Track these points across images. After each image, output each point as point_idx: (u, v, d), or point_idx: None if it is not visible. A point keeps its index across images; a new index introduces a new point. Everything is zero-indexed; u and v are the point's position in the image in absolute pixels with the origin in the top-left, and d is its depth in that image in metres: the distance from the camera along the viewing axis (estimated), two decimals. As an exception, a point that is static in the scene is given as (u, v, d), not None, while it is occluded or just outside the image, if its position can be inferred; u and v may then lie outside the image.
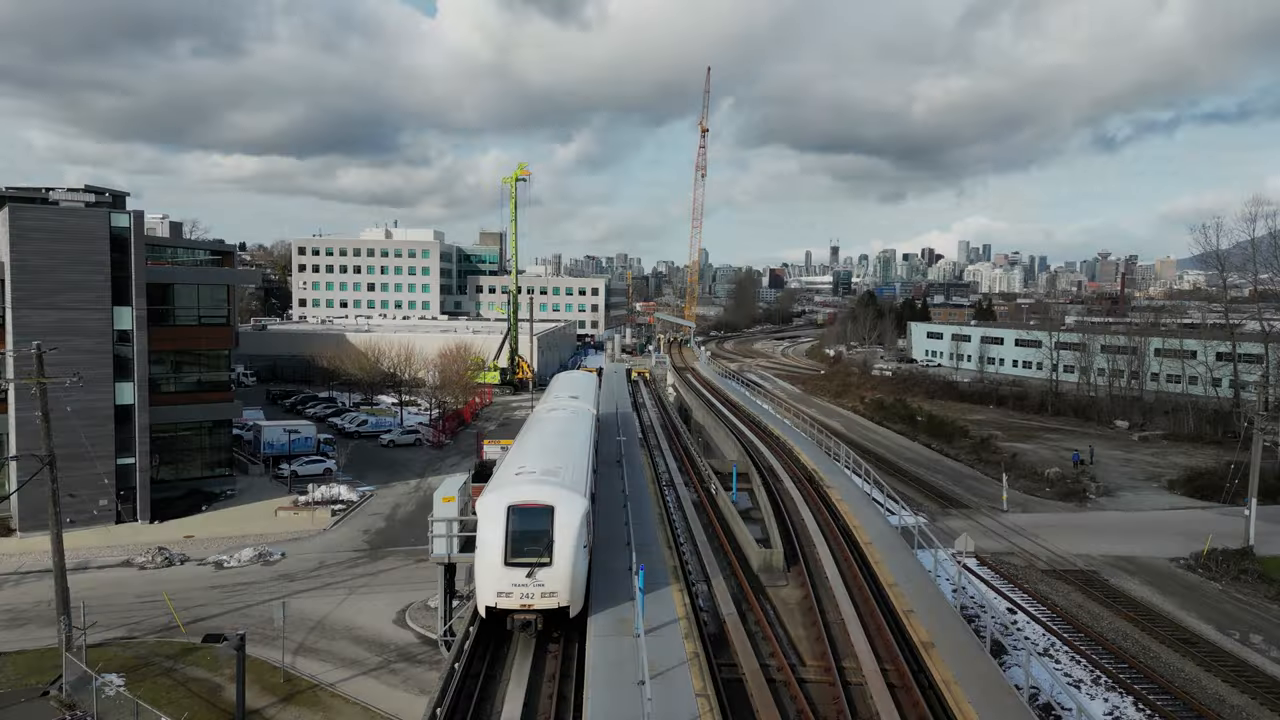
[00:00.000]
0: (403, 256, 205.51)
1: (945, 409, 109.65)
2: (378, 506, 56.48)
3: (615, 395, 69.29)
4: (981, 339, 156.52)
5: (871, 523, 32.88)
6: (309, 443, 68.05)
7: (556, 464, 24.21)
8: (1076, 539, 52.24)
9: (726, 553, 29.66)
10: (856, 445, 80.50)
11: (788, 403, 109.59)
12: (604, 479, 35.60)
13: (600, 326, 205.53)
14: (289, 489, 58.92)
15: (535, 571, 20.89)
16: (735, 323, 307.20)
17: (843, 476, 42.41)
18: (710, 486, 38.27)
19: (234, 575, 43.15)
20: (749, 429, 58.66)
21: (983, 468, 76.52)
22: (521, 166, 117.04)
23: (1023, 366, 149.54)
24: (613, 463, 39.22)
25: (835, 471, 43.88)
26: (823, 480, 40.55)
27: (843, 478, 41.97)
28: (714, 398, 78.15)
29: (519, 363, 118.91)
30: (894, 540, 30.67)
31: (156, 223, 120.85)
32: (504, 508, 21.62)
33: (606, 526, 29.07)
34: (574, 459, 25.64)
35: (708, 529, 32.37)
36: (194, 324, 58.09)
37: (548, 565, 20.88)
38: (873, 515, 34.22)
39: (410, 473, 67.38)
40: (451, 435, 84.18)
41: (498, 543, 21.22)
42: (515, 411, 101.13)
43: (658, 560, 26.04)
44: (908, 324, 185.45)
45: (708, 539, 31.04)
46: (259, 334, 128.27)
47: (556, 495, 21.88)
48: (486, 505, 22.04)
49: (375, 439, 79.68)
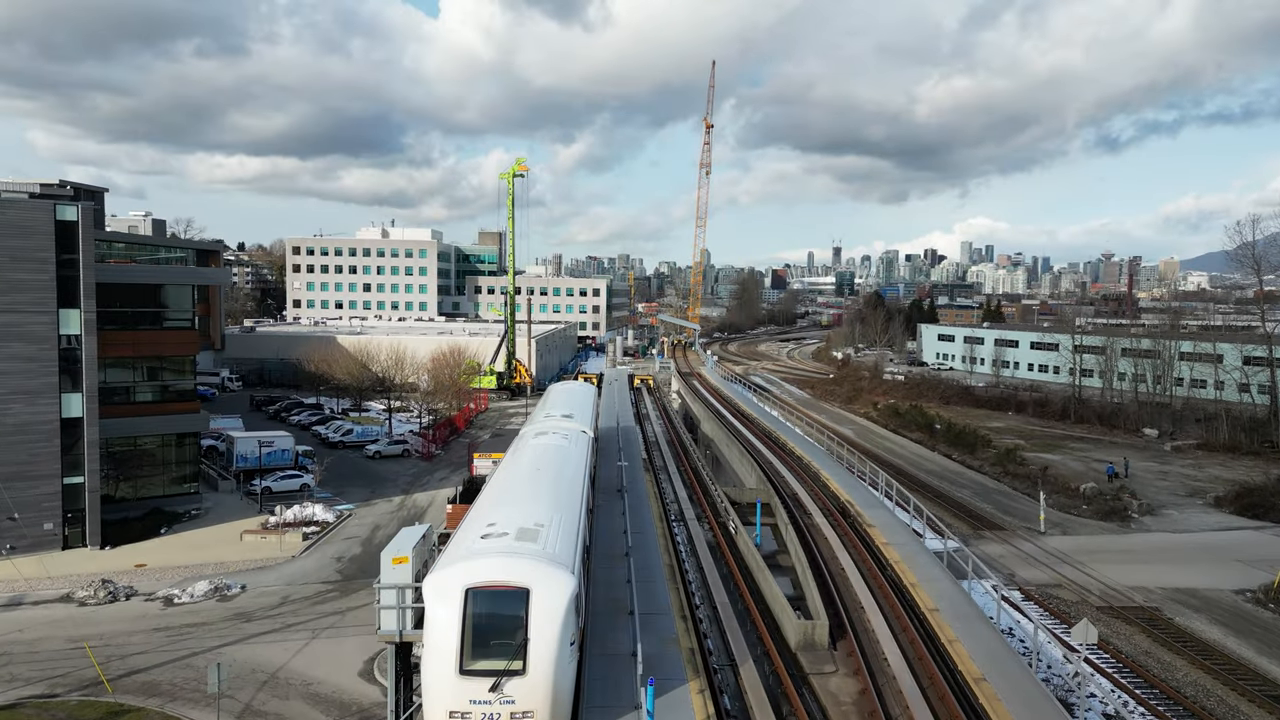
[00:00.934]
0: (399, 256, 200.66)
1: (962, 415, 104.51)
2: (355, 528, 51.41)
3: (616, 406, 64.56)
4: (996, 342, 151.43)
5: (932, 578, 27.27)
6: (285, 455, 63.03)
7: (538, 519, 18.75)
8: (1127, 567, 47.11)
9: (754, 621, 24.31)
10: (873, 455, 75.37)
11: (797, 409, 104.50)
12: (602, 513, 30.51)
13: (602, 328, 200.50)
14: (259, 508, 53.87)
15: (502, 683, 15.41)
16: (739, 324, 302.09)
17: (882, 510, 36.84)
18: (728, 525, 32.96)
19: (184, 613, 38.08)
20: (765, 445, 53.43)
21: (1010, 481, 71.36)
22: (519, 162, 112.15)
23: (1039, 370, 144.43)
24: (613, 491, 34.11)
25: (874, 504, 38.16)
26: (860, 516, 35.15)
27: (882, 511, 36.46)
28: (724, 408, 72.95)
29: (517, 366, 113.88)
30: (966, 606, 25.17)
31: (139, 220, 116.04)
32: (460, 590, 16.04)
33: (605, 585, 23.83)
34: (562, 511, 20.04)
35: (728, 582, 26.96)
36: (155, 328, 53.07)
37: (520, 674, 15.39)
38: (930, 566, 28.60)
39: (395, 489, 62.32)
40: (443, 445, 79.14)
41: (450, 642, 15.69)
42: (512, 419, 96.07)
43: (669, 639, 20.72)
44: (918, 326, 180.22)
45: (729, 599, 25.66)
46: (247, 336, 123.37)
47: (534, 573, 16.38)
48: (437, 586, 16.54)
49: (360, 450, 74.63)
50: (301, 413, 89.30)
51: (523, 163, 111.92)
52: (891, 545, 30.48)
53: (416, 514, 55.13)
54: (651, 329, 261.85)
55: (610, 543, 27.23)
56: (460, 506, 49.21)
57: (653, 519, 30.71)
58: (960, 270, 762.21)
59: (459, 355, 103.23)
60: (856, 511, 34.76)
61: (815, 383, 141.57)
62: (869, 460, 52.89)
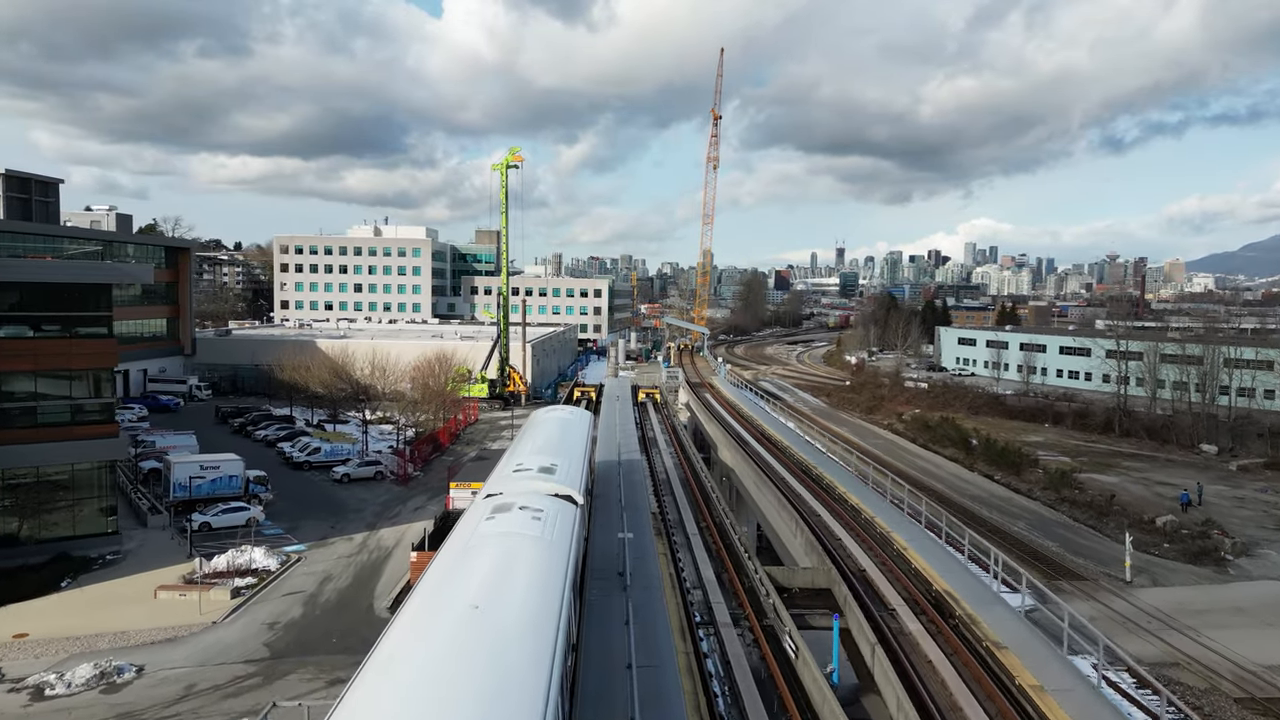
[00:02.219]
0: (392, 255, 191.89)
1: (994, 428, 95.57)
2: (301, 579, 42.49)
3: (618, 430, 55.98)
4: (1021, 346, 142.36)
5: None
6: (233, 482, 54.14)
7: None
8: (1248, 634, 38.18)
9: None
10: (908, 478, 66.46)
11: (815, 420, 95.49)
12: (595, 620, 21.18)
13: (603, 330, 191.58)
14: (190, 550, 44.91)
15: None
16: (744, 326, 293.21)
17: (1002, 610, 24.54)
18: (782, 641, 22.53)
19: (51, 713, 29.21)
20: (804, 485, 43.73)
21: (1068, 510, 62.44)
22: (513, 151, 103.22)
23: (1068, 376, 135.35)
24: (611, 575, 25.11)
25: (986, 599, 25.50)
26: (972, 622, 23.34)
27: (1002, 611, 24.34)
28: (745, 430, 62.73)
29: (510, 373, 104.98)
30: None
31: (102, 215, 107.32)
32: None
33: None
34: (520, 693, 10.96)
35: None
36: (64, 335, 44.23)
37: None
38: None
39: (359, 522, 53.41)
40: (423, 465, 70.28)
41: None
42: (503, 432, 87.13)
43: None
44: (936, 329, 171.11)
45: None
46: (221, 340, 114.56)
47: None
48: None
49: (328, 471, 65.74)
50: (270, 426, 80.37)
51: (517, 152, 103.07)
52: (1050, 692, 19.12)
53: (380, 557, 46.24)
54: (655, 331, 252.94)
55: (607, 679, 17.93)
56: (425, 555, 40.48)
57: (671, 632, 21.03)
58: (965, 271, 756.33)
59: (445, 362, 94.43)
60: (964, 613, 23.52)
61: (831, 390, 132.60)
62: (910, 486, 43.77)
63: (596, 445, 45.54)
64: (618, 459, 42.14)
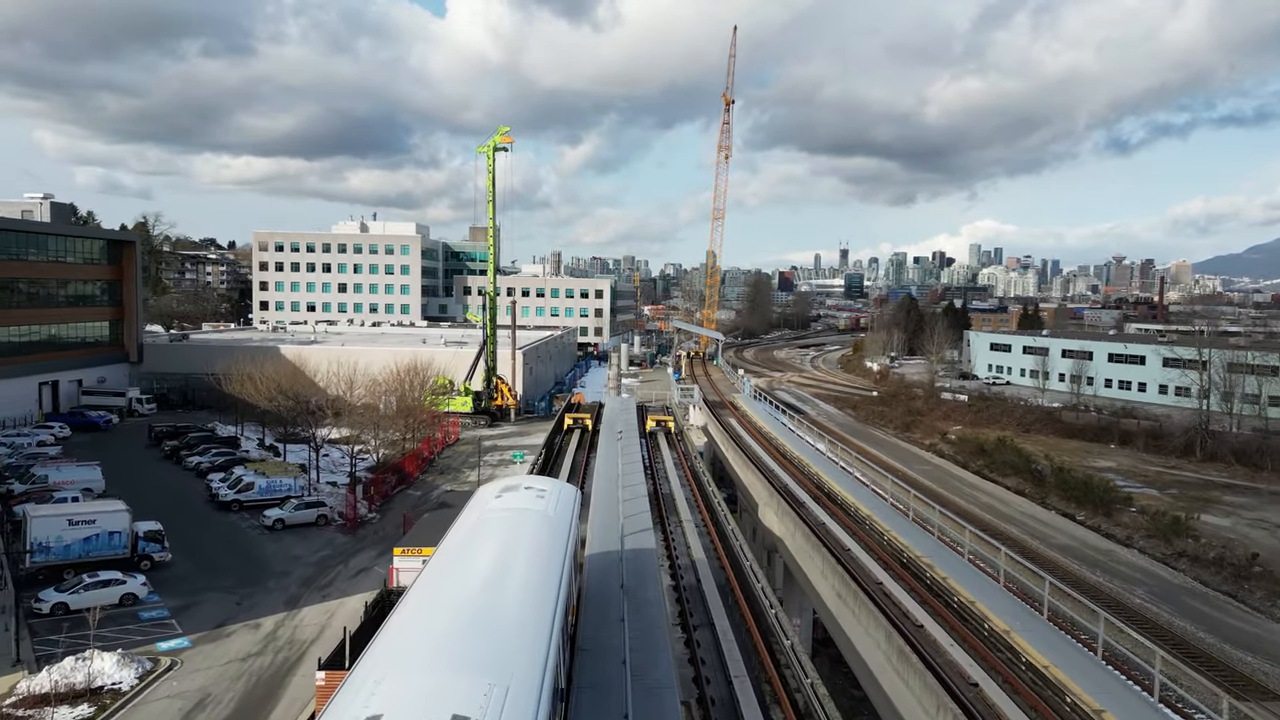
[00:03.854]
0: (379, 253, 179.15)
1: (1052, 448, 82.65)
2: (161, 708, 29.45)
3: (620, 490, 37.37)
4: (1064, 353, 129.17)
5: None
6: (115, 540, 41.21)
7: None
8: None
9: None
10: (971, 518, 53.64)
11: (846, 440, 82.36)
12: None
13: (605, 334, 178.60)
14: (16, 653, 31.96)
15: None
16: (751, 328, 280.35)
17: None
18: None
19: None
20: (898, 578, 30.16)
21: (1190, 568, 49.40)
22: (501, 131, 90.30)
23: (1119, 387, 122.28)
24: None
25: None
26: None
27: None
28: (797, 480, 45.49)
29: (497, 384, 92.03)
30: None
31: (35, 204, 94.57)
32: None
33: None
34: None
35: None
36: None
37: None
38: None
39: (279, 594, 40.44)
40: (381, 503, 57.40)
41: None
42: (487, 456, 74.22)
43: None
44: (965, 334, 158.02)
45: None
46: (173, 346, 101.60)
47: None
48: None
49: (262, 512, 52.79)
50: (208, 451, 67.38)
51: (506, 133, 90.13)
52: None
53: (289, 660, 33.26)
54: (660, 334, 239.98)
55: None
56: (335, 676, 27.50)
57: None
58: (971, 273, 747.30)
59: (420, 372, 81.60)
60: None
61: (856, 402, 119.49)
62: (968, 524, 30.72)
63: (591, 526, 32.43)
64: (619, 551, 28.42)
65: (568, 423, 64.63)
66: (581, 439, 59.32)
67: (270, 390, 68.81)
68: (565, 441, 57.49)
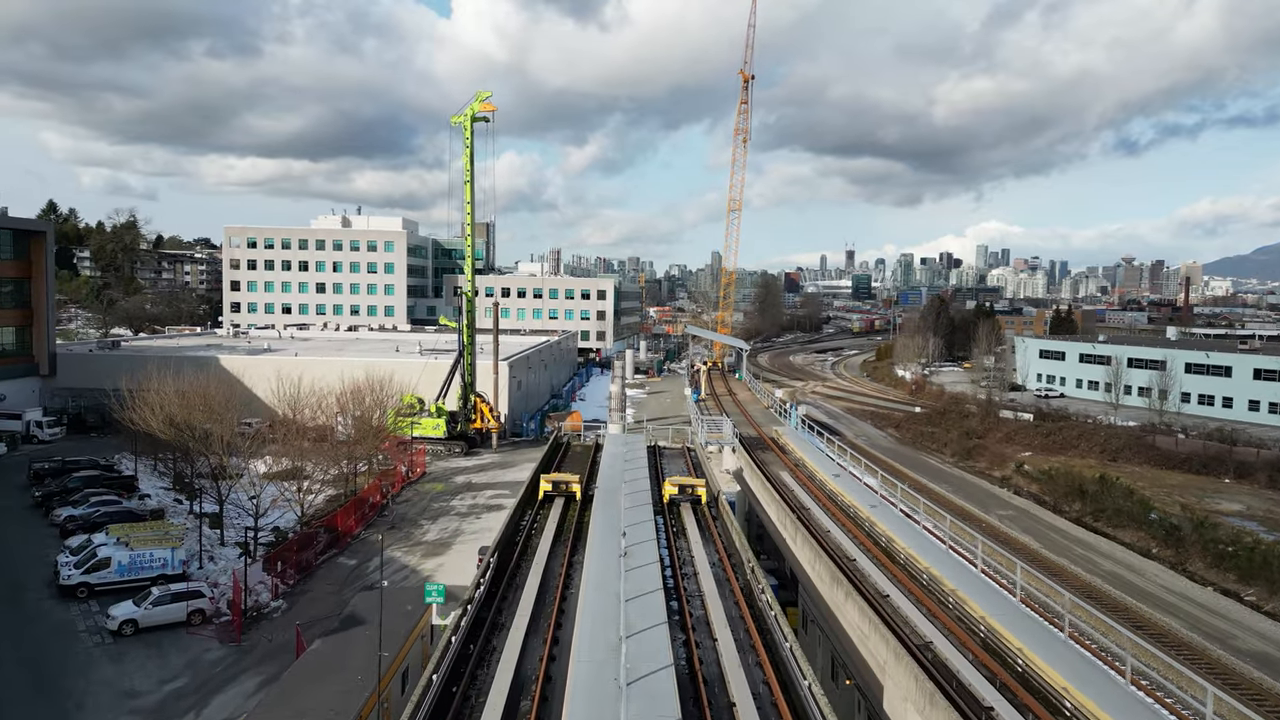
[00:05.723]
0: (361, 250, 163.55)
1: (1154, 483, 67.01)
2: None
3: (619, 668, 18.78)
4: (1131, 362, 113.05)
5: None
6: None
7: None
8: None
9: None
10: (1097, 595, 38.02)
11: (897, 468, 66.31)
12: None
13: (608, 338, 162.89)
14: None
15: None
16: (762, 331, 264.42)
17: None
18: None
19: None
20: None
21: None
22: (480, 97, 74.69)
23: (1199, 402, 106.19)
24: None
25: None
26: None
27: None
28: (937, 623, 26.07)
29: (476, 404, 76.31)
30: None
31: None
32: None
33: None
34: None
35: None
36: None
37: None
38: None
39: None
40: (300, 579, 41.77)
41: None
42: (459, 500, 58.50)
43: None
44: (1012, 338, 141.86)
45: None
46: (95, 357, 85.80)
47: None
48: None
49: (120, 599, 37.05)
50: (91, 499, 51.60)
51: (486, 99, 74.48)
52: None
53: None
54: (668, 338, 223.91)
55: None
56: None
57: None
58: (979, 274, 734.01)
59: (378, 389, 65.80)
60: None
61: (899, 419, 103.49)
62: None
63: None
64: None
65: (544, 488, 38.73)
66: (565, 517, 36.22)
67: (170, 413, 52.85)
68: (539, 522, 35.41)
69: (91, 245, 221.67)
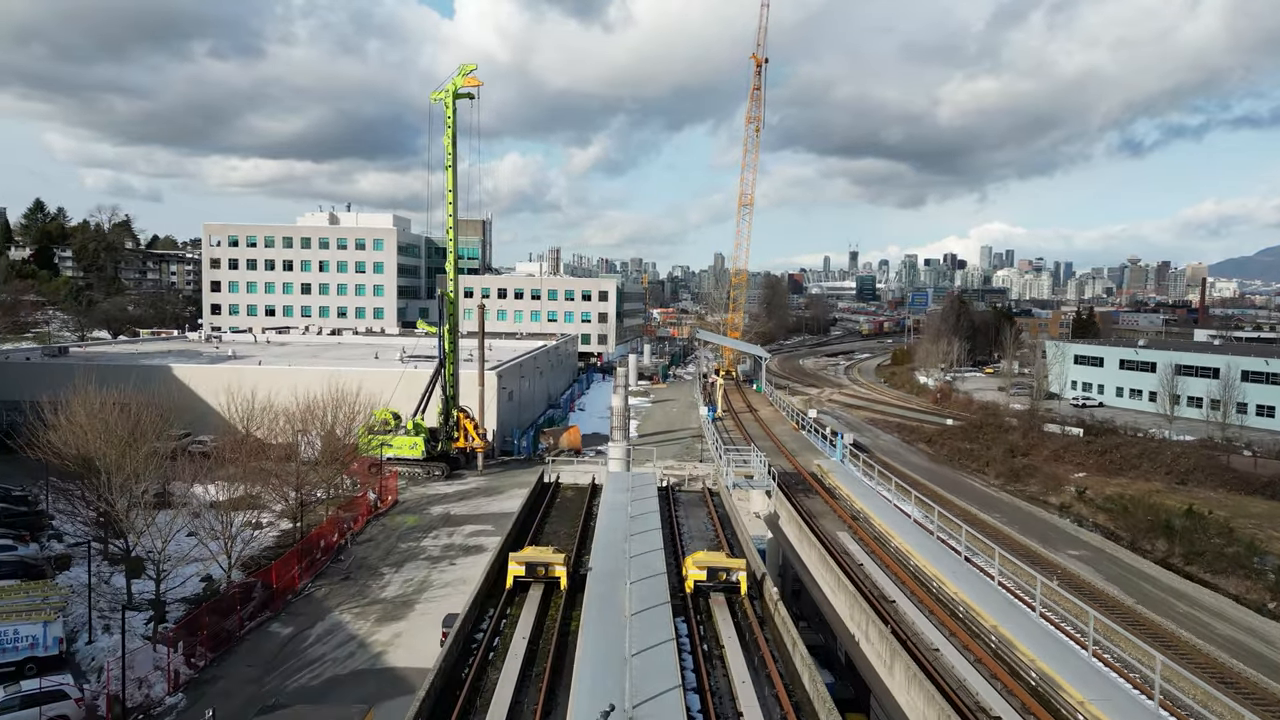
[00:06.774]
0: (349, 249, 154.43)
1: (1236, 512, 57.75)
2: None
3: None
4: (1179, 369, 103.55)
5: None
6: None
7: None
8: None
9: None
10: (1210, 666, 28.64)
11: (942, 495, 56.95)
12: None
13: (610, 341, 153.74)
14: None
15: None
16: (769, 333, 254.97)
17: None
18: None
19: None
20: None
21: None
22: (464, 71, 65.63)
23: (1258, 413, 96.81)
24: None
25: None
26: None
27: None
28: None
29: (459, 419, 67.05)
30: None
31: None
32: None
33: None
34: None
35: None
36: None
37: None
38: None
39: None
40: (217, 655, 32.62)
41: None
42: (433, 539, 49.21)
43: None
44: (1046, 343, 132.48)
45: None
46: (37, 365, 76.77)
47: None
48: None
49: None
50: (-12, 540, 42.50)
51: (471, 73, 65.40)
52: None
53: None
54: (672, 341, 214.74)
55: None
56: None
57: None
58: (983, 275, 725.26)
59: (346, 402, 56.61)
60: None
61: (926, 431, 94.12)
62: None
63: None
64: None
65: (516, 572, 25.38)
66: (542, 624, 23.38)
67: (83, 432, 43.66)
68: (503, 639, 22.41)
69: (74, 244, 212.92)
